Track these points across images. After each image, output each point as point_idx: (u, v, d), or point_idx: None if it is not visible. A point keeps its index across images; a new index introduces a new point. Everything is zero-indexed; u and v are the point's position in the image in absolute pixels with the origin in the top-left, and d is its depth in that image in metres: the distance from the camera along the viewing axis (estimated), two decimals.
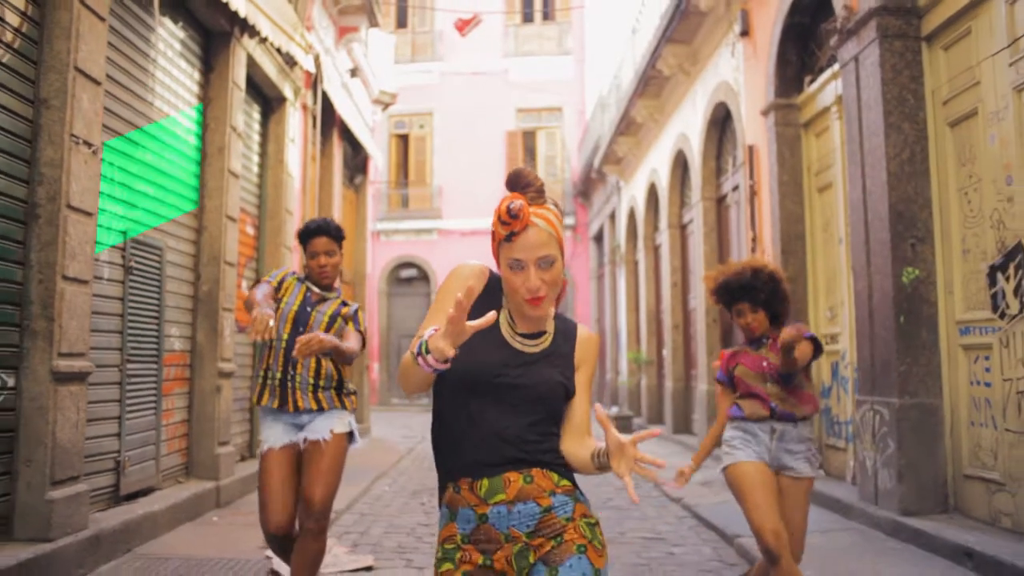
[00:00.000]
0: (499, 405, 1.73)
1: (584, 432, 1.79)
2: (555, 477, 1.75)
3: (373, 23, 10.29)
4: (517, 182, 1.72)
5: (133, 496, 5.03)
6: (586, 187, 19.38)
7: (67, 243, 4.03)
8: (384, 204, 20.52)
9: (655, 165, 12.00)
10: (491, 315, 1.54)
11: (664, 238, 11.53)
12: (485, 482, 1.72)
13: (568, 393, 1.79)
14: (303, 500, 3.24)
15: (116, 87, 4.84)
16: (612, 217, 16.36)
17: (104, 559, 4.20)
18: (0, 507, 3.78)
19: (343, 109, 9.54)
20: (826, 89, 6.28)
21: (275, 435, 3.34)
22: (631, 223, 14.37)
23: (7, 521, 3.82)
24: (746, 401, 3.32)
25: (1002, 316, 4.33)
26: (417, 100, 19.99)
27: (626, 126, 12.59)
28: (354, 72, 10.51)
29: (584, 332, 1.90)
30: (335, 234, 3.45)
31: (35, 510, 3.84)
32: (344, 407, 3.43)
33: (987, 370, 4.47)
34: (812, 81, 6.64)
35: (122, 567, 4.20)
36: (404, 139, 21.08)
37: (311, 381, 3.32)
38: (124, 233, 4.98)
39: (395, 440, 11.28)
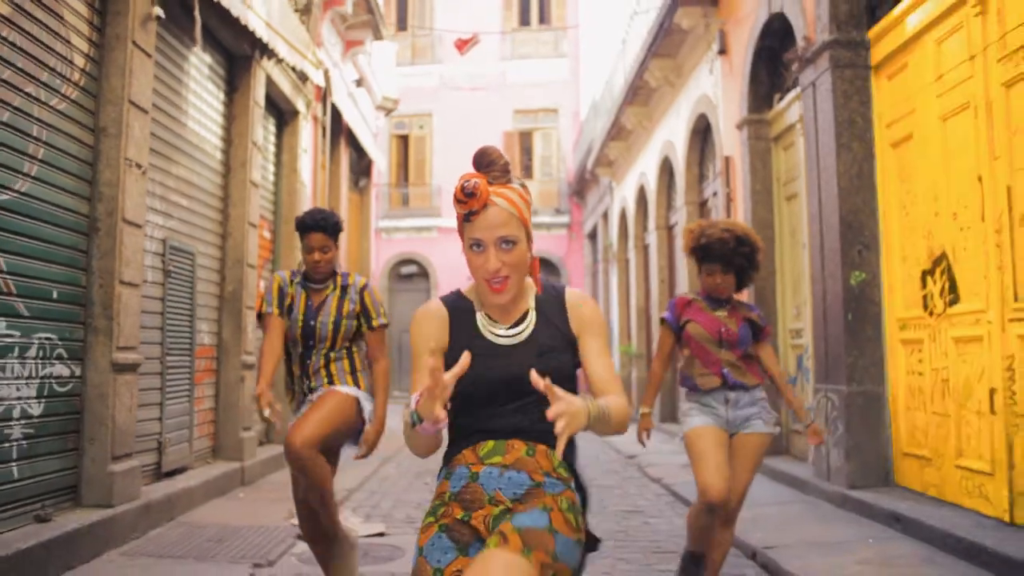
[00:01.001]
0: (506, 405, 1.74)
1: (605, 391, 1.78)
2: (555, 461, 1.74)
3: (378, 36, 10.93)
4: (481, 161, 1.69)
5: (171, 473, 5.68)
6: (581, 186, 20.02)
7: (123, 252, 4.68)
8: (385, 203, 21.15)
9: (644, 169, 12.66)
10: (464, 359, 1.56)
11: (652, 238, 12.18)
12: (489, 443, 1.74)
13: (569, 368, 1.78)
14: None
15: (157, 112, 5.48)
16: (605, 216, 17.02)
17: (153, 525, 4.86)
18: (70, 478, 4.44)
19: (350, 118, 10.18)
20: (792, 108, 6.93)
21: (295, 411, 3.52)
22: (623, 223, 15.01)
23: (76, 490, 4.48)
24: (696, 370, 3.41)
25: (931, 314, 4.99)
26: (417, 102, 20.60)
27: (617, 132, 13.24)
28: (359, 82, 11.14)
29: (574, 297, 1.85)
30: (331, 230, 3.42)
31: (99, 481, 4.50)
32: (357, 386, 3.45)
33: (920, 361, 5.13)
34: (781, 99, 7.29)
35: (168, 532, 4.85)
36: (404, 140, 21.71)
37: (324, 380, 3.41)
38: (163, 241, 5.63)
39: (399, 428, 11.94)
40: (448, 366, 1.74)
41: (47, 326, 4.22)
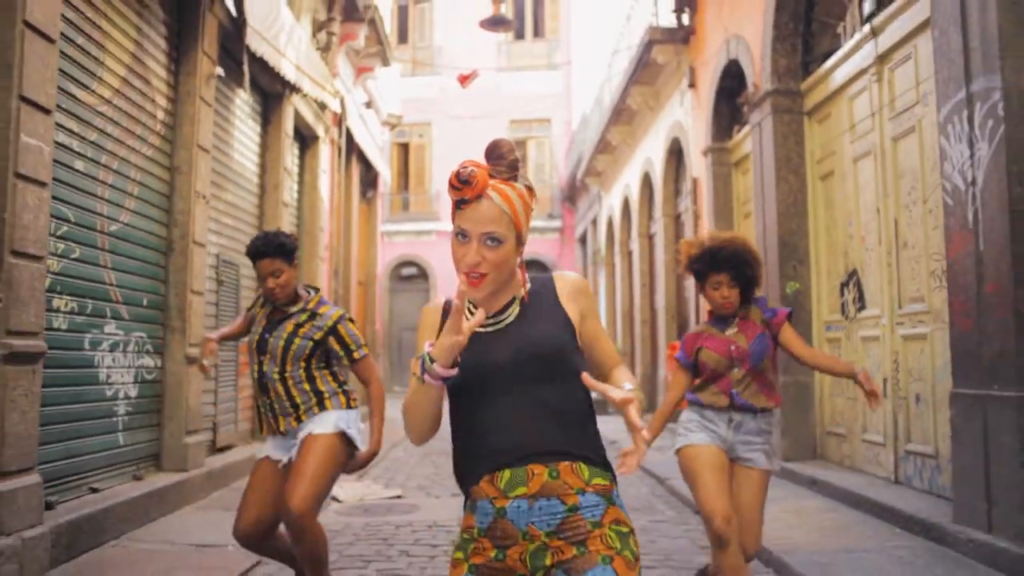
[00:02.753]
0: (503, 392, 1.63)
1: (609, 369, 1.74)
2: (586, 473, 1.61)
3: (385, 63, 12.05)
4: (492, 153, 1.61)
5: (222, 449, 6.81)
6: (572, 193, 21.17)
7: (192, 267, 5.81)
8: (387, 208, 22.27)
9: (628, 182, 13.81)
10: (480, 313, 1.52)
11: (635, 246, 13.34)
12: (507, 473, 1.59)
13: (569, 343, 1.68)
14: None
15: (214, 149, 6.60)
16: (594, 222, 18.18)
17: (214, 489, 5.98)
18: (154, 447, 5.57)
19: (360, 137, 11.31)
20: (747, 139, 8.08)
21: (269, 447, 3.31)
22: (610, 230, 16.17)
23: (159, 457, 5.61)
24: (706, 390, 3.17)
25: (847, 318, 6.15)
26: (417, 111, 21.69)
27: (603, 146, 14.39)
28: (368, 104, 12.27)
29: (562, 278, 1.76)
30: (276, 252, 3.22)
31: (176, 451, 5.63)
32: (335, 407, 3.24)
33: (839, 355, 6.29)
34: (739, 131, 8.43)
35: (226, 494, 5.98)
36: (405, 147, 22.84)
37: (288, 407, 3.22)
38: (217, 256, 6.76)
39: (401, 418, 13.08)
40: None
41: (140, 327, 5.36)
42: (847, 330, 6.13)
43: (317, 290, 3.42)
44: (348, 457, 3.22)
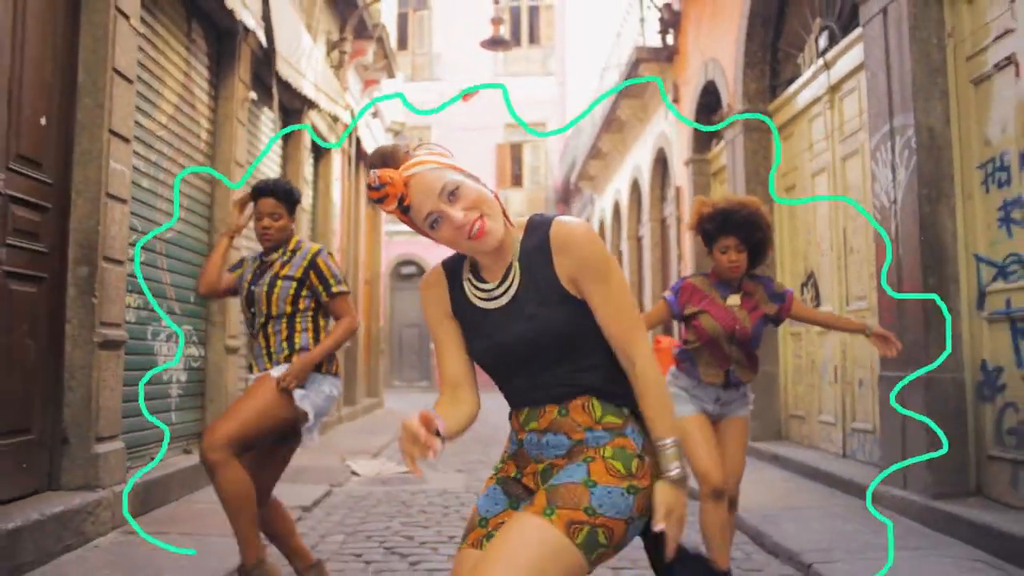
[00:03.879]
0: (523, 368, 1.65)
1: (624, 356, 1.62)
2: (598, 411, 1.62)
3: (390, 75, 12.84)
4: (376, 161, 1.59)
5: None
6: (566, 195, 21.99)
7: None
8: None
9: (618, 187, 14.64)
10: (434, 447, 1.47)
11: (625, 247, 14.17)
12: (526, 410, 1.67)
13: (568, 326, 1.61)
14: None
15: (245, 164, 7.40)
16: (587, 222, 18.99)
17: None
18: (199, 426, 6.37)
19: (368, 145, 12.10)
20: (723, 153, 8.90)
21: None
22: (602, 231, 17.00)
23: (200, 435, 6.40)
24: (703, 365, 3.23)
25: None
26: (417, 115, 22.48)
27: (595, 153, 15.22)
28: (375, 114, 13.06)
29: (560, 231, 1.62)
30: (282, 195, 3.27)
31: None
32: (317, 371, 3.16)
33: (799, 347, 7.12)
34: (717, 144, 9.25)
35: None
36: None
37: (265, 356, 3.25)
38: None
39: (405, 410, 13.90)
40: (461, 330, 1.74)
41: (188, 321, 6.16)
42: (805, 325, 6.96)
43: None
44: (287, 408, 3.05)
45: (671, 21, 10.05)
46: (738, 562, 4.08)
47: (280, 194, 3.27)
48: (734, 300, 3.20)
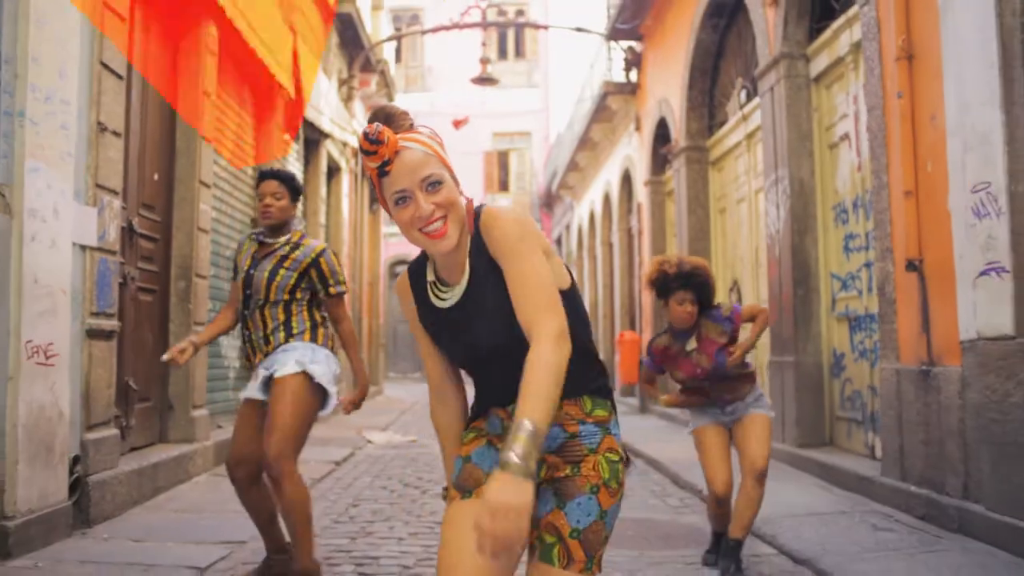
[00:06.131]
0: (496, 366, 1.64)
1: (528, 336, 1.51)
2: (588, 405, 1.67)
3: (390, 99, 14.46)
4: (389, 121, 1.58)
5: None
6: (549, 200, 23.66)
7: None
8: (383, 211, 24.67)
9: (593, 198, 16.33)
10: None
11: (599, 252, 15.86)
12: (513, 406, 1.51)
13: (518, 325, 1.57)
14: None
15: None
16: (568, 228, 20.69)
17: None
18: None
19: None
20: (673, 178, 10.59)
21: (250, 389, 3.37)
22: (580, 236, 18.68)
23: None
24: (692, 397, 3.63)
25: None
26: None
27: (573, 165, 16.90)
28: None
29: (484, 220, 1.61)
30: (285, 180, 3.43)
31: None
32: (298, 341, 3.29)
33: None
34: (669, 169, 10.94)
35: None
36: None
37: (261, 340, 3.33)
38: None
39: (402, 396, 15.58)
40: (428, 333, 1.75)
41: None
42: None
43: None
44: (315, 396, 3.24)
45: (633, 61, 11.72)
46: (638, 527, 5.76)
47: (283, 178, 3.46)
48: (692, 344, 3.56)
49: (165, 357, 3.30)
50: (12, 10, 3.74)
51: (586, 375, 1.68)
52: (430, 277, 1.72)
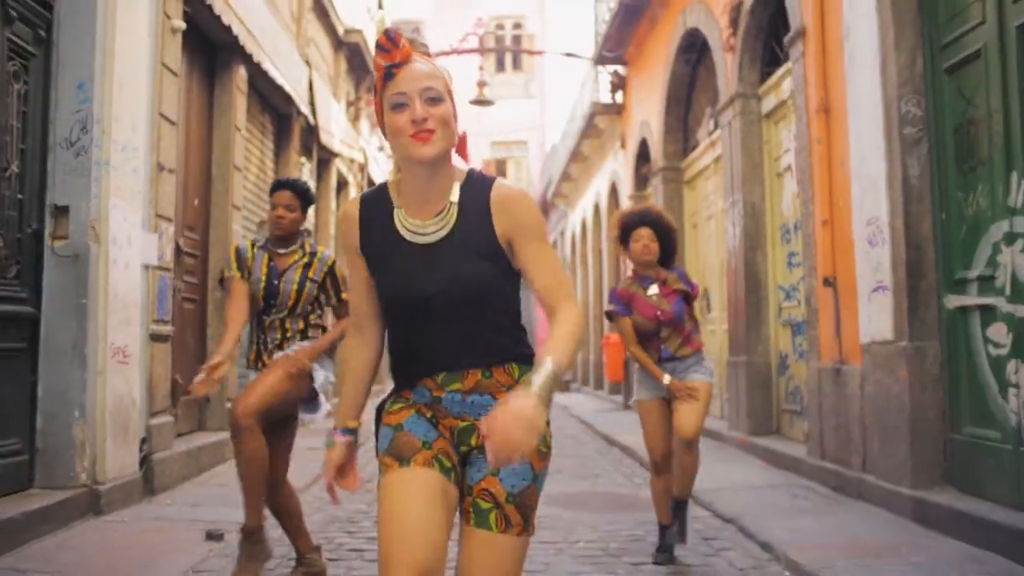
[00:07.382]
0: (437, 319, 1.65)
1: (548, 306, 1.64)
2: (516, 372, 1.70)
3: None
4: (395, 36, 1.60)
5: None
6: (545, 207, 24.58)
7: None
8: None
9: (585, 207, 17.30)
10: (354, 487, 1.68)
11: (590, 258, 16.83)
12: (443, 375, 1.68)
13: (490, 279, 1.65)
14: None
15: None
16: (563, 234, 21.66)
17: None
18: None
19: (376, 176, 14.70)
20: (653, 195, 11.55)
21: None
22: (573, 243, 19.65)
23: None
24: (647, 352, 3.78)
25: (703, 318, 9.64)
26: None
27: (566, 176, 17.87)
28: (381, 148, 15.66)
29: (501, 194, 1.66)
30: (298, 190, 3.48)
31: None
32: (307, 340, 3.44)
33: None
34: (649, 186, 11.90)
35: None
36: None
37: (276, 346, 3.42)
38: None
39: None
40: (368, 266, 1.73)
41: None
42: (701, 326, 9.63)
43: (309, 232, 3.66)
44: (303, 388, 3.34)
45: (619, 84, 12.68)
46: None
47: (297, 189, 3.50)
48: (654, 290, 3.80)
49: (200, 389, 3.23)
50: (101, 79, 4.70)
51: (516, 343, 1.73)
52: (397, 203, 1.70)
